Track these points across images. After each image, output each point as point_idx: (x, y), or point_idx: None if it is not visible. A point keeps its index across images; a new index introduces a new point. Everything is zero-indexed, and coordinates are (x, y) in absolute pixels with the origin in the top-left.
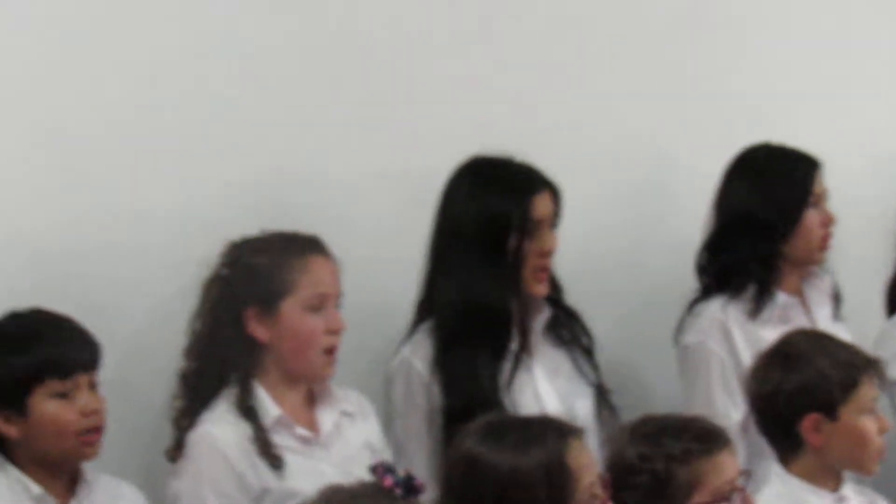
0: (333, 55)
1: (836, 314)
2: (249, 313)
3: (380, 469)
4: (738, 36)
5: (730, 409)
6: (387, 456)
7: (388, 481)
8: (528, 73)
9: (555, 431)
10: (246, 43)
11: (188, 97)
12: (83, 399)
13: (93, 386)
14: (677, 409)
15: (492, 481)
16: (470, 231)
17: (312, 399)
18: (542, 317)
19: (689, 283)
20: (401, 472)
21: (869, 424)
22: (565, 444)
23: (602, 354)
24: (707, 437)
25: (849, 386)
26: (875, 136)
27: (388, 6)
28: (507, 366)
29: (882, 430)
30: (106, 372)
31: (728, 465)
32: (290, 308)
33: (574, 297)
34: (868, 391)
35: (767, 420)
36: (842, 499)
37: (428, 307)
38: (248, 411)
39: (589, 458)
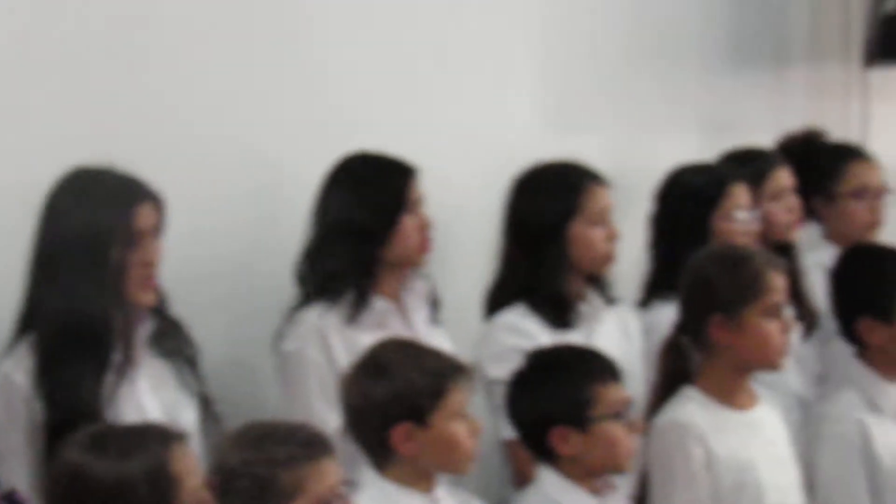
0: None
1: (434, 318)
2: None
3: None
4: (340, 44)
5: (328, 415)
6: None
7: None
8: (137, 76)
9: (157, 438)
10: None
11: None
12: None
13: None
14: (282, 417)
15: (96, 491)
16: (72, 243)
17: None
18: (145, 328)
19: None
20: (4, 488)
21: (460, 429)
22: (168, 450)
23: (209, 362)
24: (310, 443)
25: (437, 393)
26: (479, 146)
27: None
28: (110, 378)
29: (474, 433)
30: None
31: (330, 471)
32: None
33: (180, 305)
34: (457, 396)
35: (360, 430)
36: (435, 500)
37: (30, 320)
38: None
39: (193, 463)
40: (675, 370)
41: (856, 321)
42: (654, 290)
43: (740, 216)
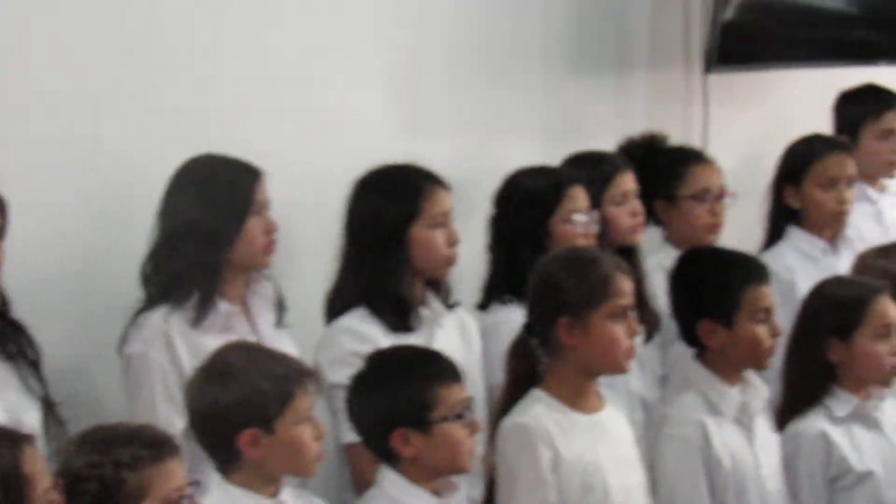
0: None
1: (279, 321)
2: None
3: None
4: (191, 42)
5: (174, 418)
6: None
7: None
8: None
9: (7, 440)
10: None
11: None
12: None
13: None
14: (127, 420)
15: None
16: None
17: None
18: None
19: None
20: None
21: (306, 433)
22: (19, 452)
23: (51, 365)
24: (156, 444)
25: (284, 399)
26: (328, 148)
27: None
28: None
29: (319, 436)
30: None
31: (176, 472)
32: None
33: (22, 307)
34: (304, 401)
35: (205, 434)
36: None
37: None
38: None
39: (43, 465)
40: (523, 372)
41: (696, 324)
42: (494, 292)
43: (579, 219)
